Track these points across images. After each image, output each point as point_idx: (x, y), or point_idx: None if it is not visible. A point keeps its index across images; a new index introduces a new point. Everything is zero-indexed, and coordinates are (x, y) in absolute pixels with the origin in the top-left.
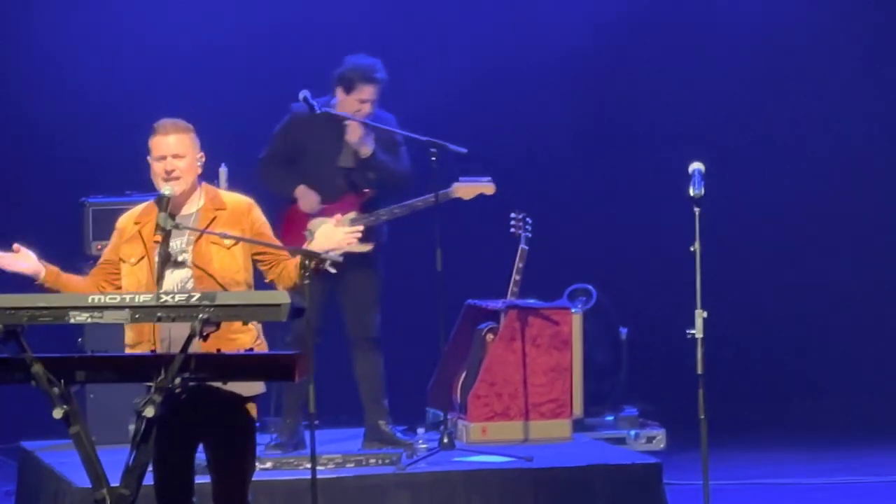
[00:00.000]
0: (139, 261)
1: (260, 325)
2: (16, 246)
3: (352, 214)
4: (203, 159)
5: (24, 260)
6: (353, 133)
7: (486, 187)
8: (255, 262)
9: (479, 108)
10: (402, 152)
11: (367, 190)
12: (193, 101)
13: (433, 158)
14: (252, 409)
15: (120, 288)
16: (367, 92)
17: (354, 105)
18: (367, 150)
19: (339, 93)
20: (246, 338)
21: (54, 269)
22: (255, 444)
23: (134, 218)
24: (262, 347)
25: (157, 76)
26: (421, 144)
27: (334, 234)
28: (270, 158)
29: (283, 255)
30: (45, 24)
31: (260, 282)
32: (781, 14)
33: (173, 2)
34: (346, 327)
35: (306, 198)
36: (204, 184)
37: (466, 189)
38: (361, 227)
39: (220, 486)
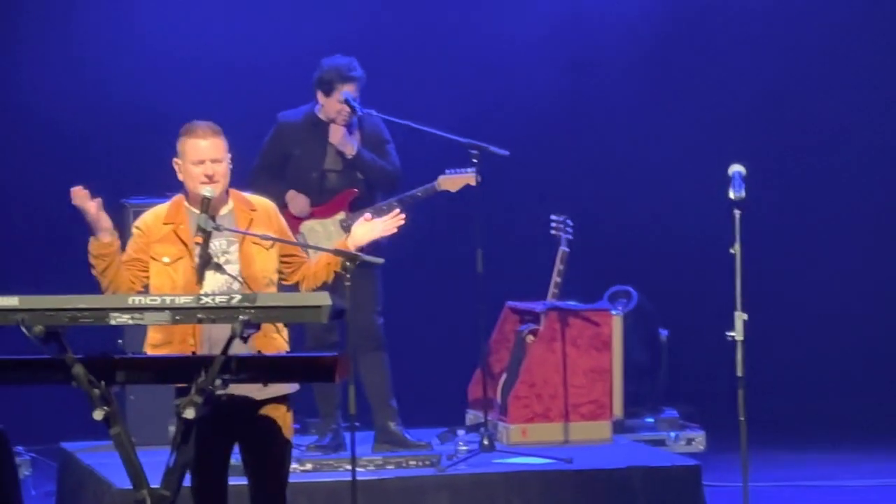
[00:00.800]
0: (176, 260)
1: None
2: (98, 200)
3: (341, 215)
4: (231, 161)
5: (104, 219)
6: (335, 134)
7: (470, 178)
8: (280, 263)
9: (519, 110)
10: (390, 150)
11: (355, 189)
12: (227, 103)
13: (474, 161)
14: (289, 412)
15: (146, 287)
16: (347, 91)
17: (336, 106)
18: (350, 150)
19: (320, 97)
20: (281, 339)
21: (119, 244)
22: (291, 447)
23: (162, 218)
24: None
25: (193, 78)
26: (461, 146)
27: (374, 227)
28: (260, 169)
29: (304, 258)
30: (81, 27)
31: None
32: (825, 13)
33: (207, 7)
34: (348, 330)
35: (295, 202)
36: (230, 187)
37: (452, 181)
38: (400, 213)
39: (258, 489)
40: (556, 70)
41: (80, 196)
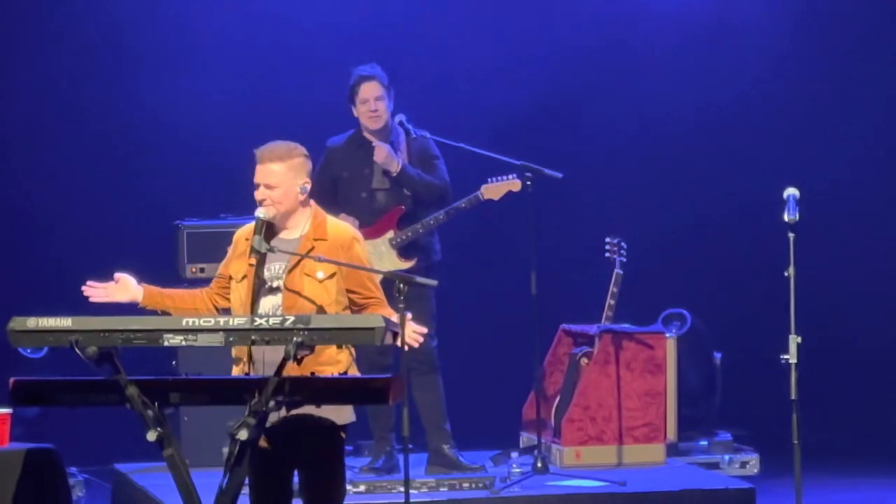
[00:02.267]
0: (242, 279)
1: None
2: (116, 276)
3: (390, 234)
4: (308, 185)
5: (122, 292)
6: (380, 153)
7: (513, 184)
8: (350, 299)
9: (574, 133)
10: (439, 165)
11: (402, 207)
12: (291, 123)
13: (528, 183)
14: (342, 433)
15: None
16: (366, 91)
17: (365, 111)
18: (395, 167)
19: (353, 111)
20: (342, 364)
21: (154, 289)
22: (344, 469)
23: (245, 234)
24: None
25: (250, 102)
26: (515, 168)
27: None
28: (312, 196)
29: (376, 297)
30: (138, 47)
31: None
32: (870, 34)
33: (266, 36)
34: (401, 353)
35: None
36: (315, 209)
37: (495, 189)
38: (425, 330)
39: None
40: (613, 93)
41: (90, 293)
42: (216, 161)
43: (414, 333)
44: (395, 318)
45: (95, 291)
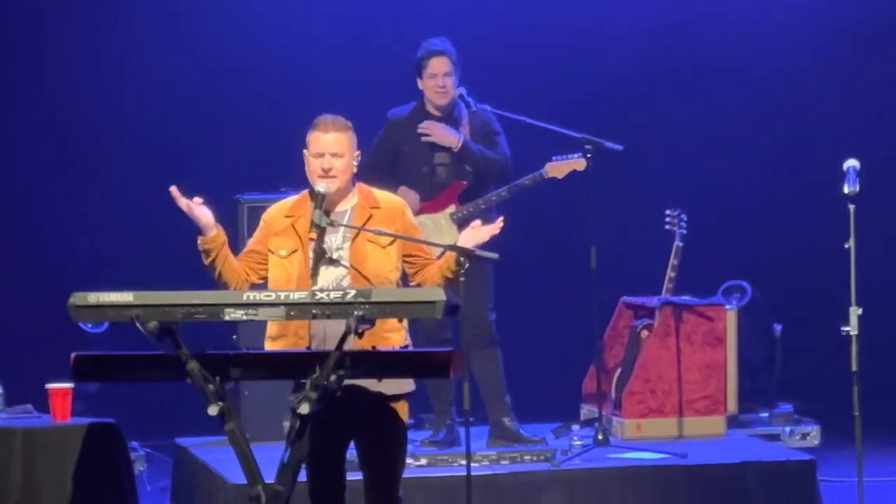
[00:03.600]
0: (290, 254)
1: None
2: (197, 199)
3: (451, 208)
4: (359, 157)
5: (204, 211)
6: (435, 132)
7: (578, 163)
8: (403, 263)
9: (634, 104)
10: (500, 140)
11: (463, 182)
12: (348, 96)
13: (588, 155)
14: (404, 406)
15: (264, 278)
16: (435, 66)
17: (432, 85)
18: (455, 143)
19: (419, 84)
20: (398, 336)
21: (225, 237)
22: (406, 442)
23: (285, 211)
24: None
25: (311, 73)
26: (576, 141)
27: (477, 234)
28: (370, 168)
29: (430, 259)
30: (197, 21)
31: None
32: None
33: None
34: (461, 327)
35: (405, 198)
36: (358, 183)
37: (559, 167)
38: (501, 220)
39: (371, 484)
40: (672, 64)
41: (174, 195)
42: (275, 134)
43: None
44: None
45: (182, 199)
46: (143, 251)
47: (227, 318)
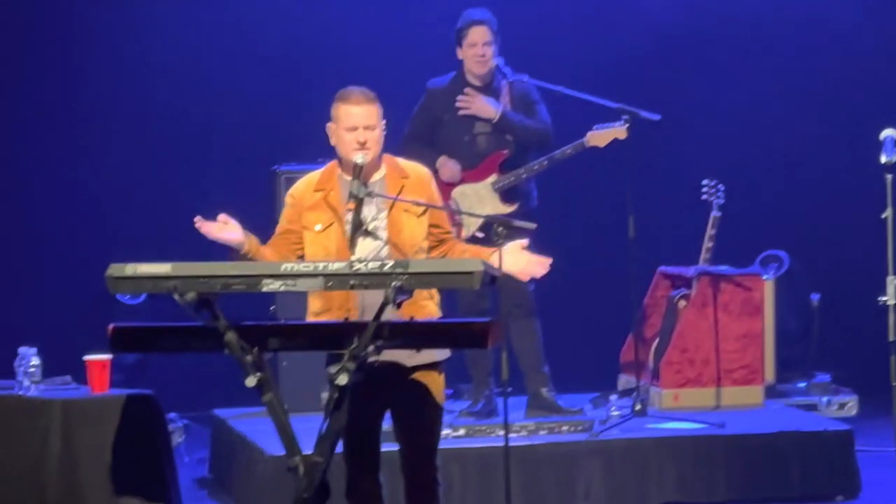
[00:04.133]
0: (327, 227)
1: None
2: (222, 216)
3: (492, 178)
4: (385, 127)
5: (231, 230)
6: (474, 104)
7: (619, 132)
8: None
9: (670, 74)
10: (539, 110)
11: (504, 151)
12: (386, 66)
13: (626, 125)
14: (440, 378)
15: (302, 257)
16: (475, 35)
17: (472, 55)
18: (493, 114)
19: (459, 53)
20: (432, 305)
21: (256, 240)
22: (441, 413)
23: (313, 186)
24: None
25: (344, 43)
26: (613, 111)
27: (519, 259)
28: (411, 137)
29: (450, 234)
30: None
31: None
32: None
33: None
34: (500, 297)
35: (446, 168)
36: (383, 153)
37: (601, 136)
38: (550, 261)
39: (407, 455)
40: (709, 33)
41: (199, 227)
42: (312, 105)
43: (538, 266)
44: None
45: (207, 225)
46: (182, 223)
47: (264, 289)
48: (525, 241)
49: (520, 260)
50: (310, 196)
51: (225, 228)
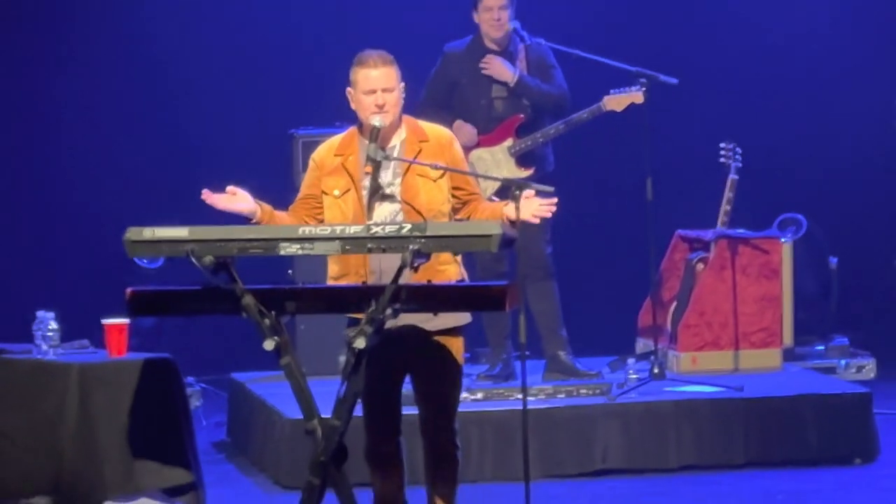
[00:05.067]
0: (344, 193)
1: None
2: (230, 188)
3: (508, 142)
4: (404, 89)
5: (240, 201)
6: (492, 65)
7: (636, 96)
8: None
9: (689, 37)
10: (556, 74)
11: (520, 115)
12: (397, 31)
13: (643, 89)
14: (459, 341)
15: (322, 221)
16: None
17: (488, 18)
18: (510, 77)
19: (475, 17)
20: (453, 269)
21: (268, 207)
22: (461, 376)
23: (333, 150)
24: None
25: (363, 7)
26: (631, 75)
27: (529, 205)
28: (426, 101)
29: (475, 194)
30: None
31: None
32: None
33: None
34: (518, 260)
35: (462, 131)
36: (404, 115)
37: (617, 100)
38: (555, 201)
39: (427, 418)
40: None
41: (206, 199)
42: (329, 68)
43: (542, 207)
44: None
45: (215, 197)
46: (200, 187)
47: (282, 252)
48: (532, 192)
49: (530, 206)
50: (330, 160)
51: (234, 199)
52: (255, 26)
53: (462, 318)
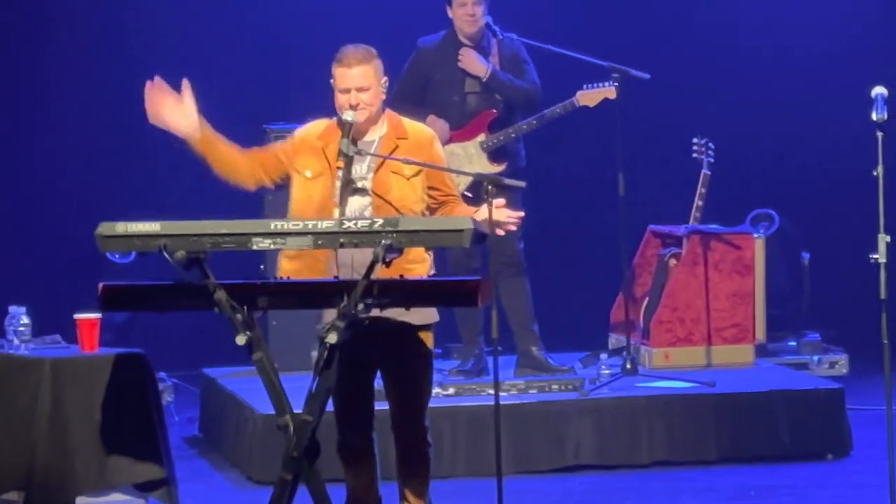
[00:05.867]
0: (316, 177)
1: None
2: (186, 83)
3: (481, 137)
4: (387, 84)
5: (182, 116)
6: (466, 59)
7: (609, 91)
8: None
9: (660, 34)
10: (529, 69)
11: (493, 111)
12: (370, 26)
13: (615, 84)
14: (429, 335)
15: (271, 184)
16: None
17: (462, 14)
18: (483, 72)
19: (449, 12)
20: (421, 269)
21: (210, 132)
22: (431, 371)
23: (317, 134)
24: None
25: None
26: (603, 70)
27: (497, 216)
28: (398, 96)
29: (452, 195)
30: None
31: None
32: None
33: None
34: (490, 256)
35: (435, 127)
36: (388, 111)
37: (590, 96)
38: (521, 214)
39: (397, 413)
40: None
41: (150, 90)
42: (303, 64)
43: (510, 219)
44: (476, 214)
45: (158, 93)
46: (174, 182)
47: (254, 247)
48: (503, 201)
49: (497, 216)
50: (311, 142)
51: (178, 109)
52: (228, 21)
53: (430, 316)
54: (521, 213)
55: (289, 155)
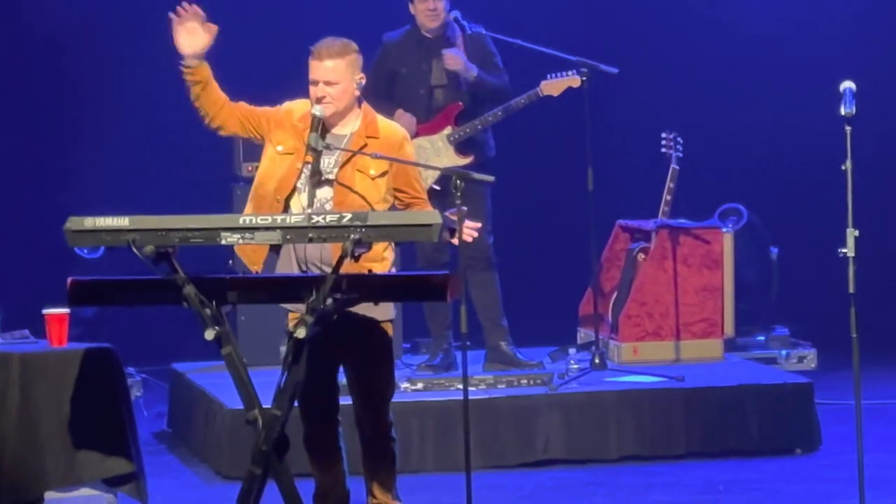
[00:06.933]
0: (285, 154)
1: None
2: (210, 25)
3: (447, 130)
4: (363, 80)
5: (199, 38)
6: (453, 62)
7: (573, 80)
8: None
9: (627, 28)
10: (497, 62)
11: (460, 104)
12: (342, 20)
13: (584, 79)
14: (388, 329)
15: (244, 135)
16: None
17: (423, 9)
18: (472, 75)
19: (411, 8)
20: (380, 267)
21: (209, 71)
22: (392, 364)
23: (298, 116)
24: None
25: None
26: (571, 64)
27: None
28: (366, 90)
29: (420, 198)
30: None
31: None
32: None
33: None
34: (459, 250)
35: (402, 121)
36: (365, 107)
37: (554, 85)
38: (479, 225)
39: (360, 406)
40: None
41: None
42: (273, 55)
43: (468, 229)
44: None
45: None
46: (144, 176)
47: (223, 242)
48: (463, 209)
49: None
50: (291, 121)
51: (196, 30)
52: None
53: (386, 312)
54: (479, 225)
55: (270, 122)
